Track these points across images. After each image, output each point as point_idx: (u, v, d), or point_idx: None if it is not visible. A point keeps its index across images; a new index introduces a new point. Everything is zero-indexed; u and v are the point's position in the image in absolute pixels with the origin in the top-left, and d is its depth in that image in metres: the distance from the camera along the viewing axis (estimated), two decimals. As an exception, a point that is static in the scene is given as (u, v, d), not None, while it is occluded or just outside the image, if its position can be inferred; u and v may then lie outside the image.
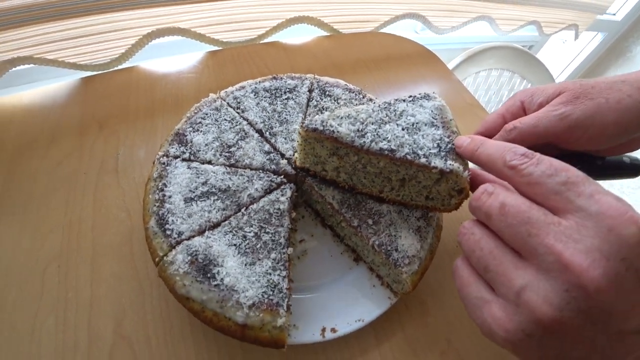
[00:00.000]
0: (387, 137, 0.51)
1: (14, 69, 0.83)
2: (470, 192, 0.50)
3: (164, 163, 0.61)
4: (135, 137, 0.78)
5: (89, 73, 0.90)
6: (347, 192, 0.59)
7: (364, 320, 0.56)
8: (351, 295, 0.60)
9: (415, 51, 1.15)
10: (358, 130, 0.51)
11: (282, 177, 0.61)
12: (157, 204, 0.57)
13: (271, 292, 0.50)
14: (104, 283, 0.60)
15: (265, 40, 1.03)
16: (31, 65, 0.84)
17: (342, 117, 0.53)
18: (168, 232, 0.54)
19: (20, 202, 0.68)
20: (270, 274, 0.51)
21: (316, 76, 0.76)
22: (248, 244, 0.54)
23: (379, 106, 0.55)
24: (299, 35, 1.06)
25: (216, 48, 0.99)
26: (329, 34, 1.10)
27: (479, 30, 1.65)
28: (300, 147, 0.56)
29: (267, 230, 0.55)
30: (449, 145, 0.51)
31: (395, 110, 0.54)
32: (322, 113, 0.67)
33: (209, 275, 0.50)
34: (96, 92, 0.86)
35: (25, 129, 0.79)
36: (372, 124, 0.52)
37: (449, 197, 0.53)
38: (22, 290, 0.58)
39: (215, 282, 0.49)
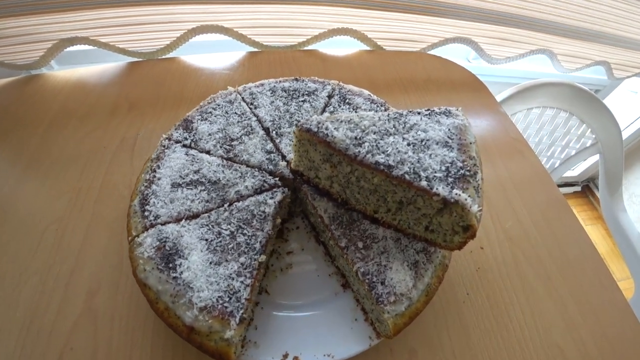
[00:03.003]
0: (387, 151, 0.41)
1: (72, 47, 0.85)
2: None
3: (164, 145, 0.57)
4: (158, 122, 0.77)
5: (135, 59, 0.90)
6: (342, 208, 0.50)
7: (333, 357, 0.46)
8: (328, 324, 0.49)
9: (461, 77, 1.03)
10: (356, 137, 0.42)
11: (277, 179, 0.54)
12: (145, 184, 0.52)
13: (227, 299, 0.42)
14: (90, 254, 0.57)
15: (306, 48, 0.98)
16: (90, 47, 0.86)
17: (341, 121, 0.44)
18: (146, 214, 0.49)
19: (45, 164, 0.69)
20: (232, 279, 0.43)
21: (340, 83, 0.68)
22: (220, 241, 0.47)
23: (389, 115, 0.46)
24: (341, 47, 1.00)
25: (256, 50, 0.96)
26: (371, 49, 1.02)
27: (539, 67, 1.47)
28: (295, 147, 0.49)
29: (245, 231, 0.48)
30: (462, 172, 0.40)
31: (405, 123, 0.45)
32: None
33: (170, 265, 0.44)
34: (136, 77, 0.87)
35: (69, 100, 0.81)
36: (374, 133, 0.43)
37: (452, 232, 0.41)
38: (20, 244, 0.58)
39: (174, 275, 0.43)
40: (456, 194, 0.38)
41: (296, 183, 0.54)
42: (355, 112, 0.62)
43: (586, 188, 2.29)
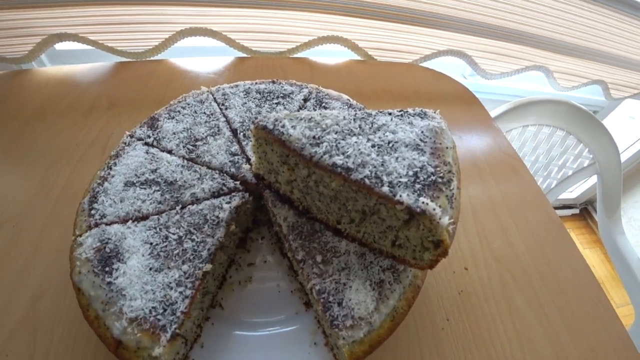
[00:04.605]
0: (347, 152, 0.34)
1: (67, 46, 0.82)
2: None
3: (125, 142, 0.52)
4: (135, 122, 0.70)
5: (124, 59, 0.86)
6: (304, 217, 0.43)
7: (282, 386, 0.38)
8: (283, 347, 0.42)
9: (454, 90, 0.96)
10: (314, 137, 0.36)
11: (237, 183, 0.47)
12: (98, 181, 0.47)
13: (161, 311, 0.35)
14: (42, 254, 0.52)
15: (295, 55, 0.93)
16: (86, 47, 0.83)
17: (301, 119, 0.38)
18: (93, 212, 0.44)
19: (13, 159, 0.65)
20: (171, 288, 0.37)
21: (319, 87, 0.62)
22: (166, 246, 0.40)
23: (355, 115, 0.39)
24: (334, 56, 0.95)
25: (245, 55, 0.91)
26: (361, 59, 0.96)
27: (535, 86, 1.40)
28: (254, 148, 0.42)
29: (194, 237, 0.41)
30: (432, 178, 0.33)
31: (373, 123, 0.38)
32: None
33: (107, 269, 0.38)
34: (121, 76, 0.82)
35: (50, 96, 0.77)
36: (336, 133, 0.36)
37: (421, 248, 0.34)
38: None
39: (109, 279, 0.37)
40: (423, 202, 0.31)
41: (259, 188, 0.48)
42: (332, 116, 0.56)
43: (584, 211, 2.18)
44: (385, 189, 0.31)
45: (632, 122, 1.80)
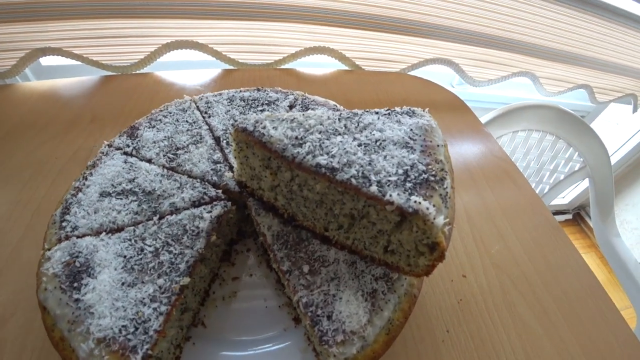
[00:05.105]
0: (332, 152, 0.32)
1: (55, 61, 0.80)
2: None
3: (103, 152, 0.49)
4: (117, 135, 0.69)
5: (109, 73, 0.84)
6: (290, 225, 0.40)
7: (269, 413, 0.34)
8: (270, 367, 0.38)
9: (443, 97, 0.95)
10: (297, 137, 0.33)
11: (220, 191, 0.44)
12: (72, 192, 0.44)
13: (132, 330, 0.31)
14: (14, 271, 0.48)
15: (283, 67, 0.91)
16: (75, 62, 0.80)
17: (282, 120, 0.35)
18: (64, 224, 0.40)
19: None
20: (144, 304, 0.33)
21: (305, 94, 0.60)
22: (141, 259, 0.37)
23: (340, 114, 0.37)
24: (322, 67, 0.93)
25: (232, 68, 0.89)
26: (350, 69, 0.95)
27: (524, 93, 1.40)
28: (235, 153, 0.39)
29: (172, 248, 0.38)
30: (424, 176, 0.30)
31: (359, 122, 0.36)
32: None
33: (75, 285, 0.34)
34: (106, 90, 0.80)
35: (32, 110, 0.74)
36: (320, 132, 0.34)
37: (416, 253, 0.31)
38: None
39: (77, 296, 0.34)
40: (415, 202, 0.28)
41: (243, 196, 0.44)
42: (320, 121, 0.54)
43: (577, 216, 2.16)
44: (374, 188, 0.29)
45: (617, 128, 1.82)
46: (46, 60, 0.97)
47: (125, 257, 0.37)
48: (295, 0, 0.80)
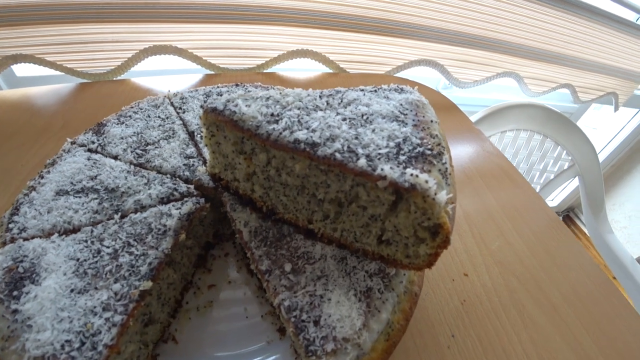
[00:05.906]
0: (312, 126, 0.27)
1: (17, 65, 0.74)
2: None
3: (65, 149, 0.43)
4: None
5: (85, 80, 0.79)
6: (269, 219, 0.35)
7: None
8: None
9: (431, 98, 0.90)
10: (272, 114, 0.29)
11: (191, 187, 0.39)
12: (25, 191, 0.38)
13: (78, 345, 0.25)
14: None
15: (266, 71, 0.88)
16: (56, 72, 0.75)
17: (257, 98, 0.31)
18: (11, 225, 0.35)
19: None
20: (95, 314, 0.27)
21: (285, 88, 0.56)
22: (96, 262, 0.31)
23: (322, 92, 0.32)
24: (306, 70, 0.90)
25: (214, 72, 0.86)
26: (334, 72, 0.92)
27: (509, 96, 1.40)
28: (206, 140, 0.34)
29: (133, 249, 0.32)
30: (419, 149, 0.26)
31: (342, 98, 0.31)
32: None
33: (15, 293, 0.28)
34: (81, 97, 0.75)
35: (2, 118, 0.68)
36: (299, 109, 0.29)
37: (415, 240, 0.26)
38: None
39: (16, 306, 0.27)
40: (412, 175, 0.23)
41: (217, 193, 0.39)
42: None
43: (567, 218, 2.14)
44: (362, 162, 0.24)
45: (595, 132, 1.84)
46: (21, 71, 0.92)
47: (78, 260, 0.31)
48: (277, 2, 0.78)
